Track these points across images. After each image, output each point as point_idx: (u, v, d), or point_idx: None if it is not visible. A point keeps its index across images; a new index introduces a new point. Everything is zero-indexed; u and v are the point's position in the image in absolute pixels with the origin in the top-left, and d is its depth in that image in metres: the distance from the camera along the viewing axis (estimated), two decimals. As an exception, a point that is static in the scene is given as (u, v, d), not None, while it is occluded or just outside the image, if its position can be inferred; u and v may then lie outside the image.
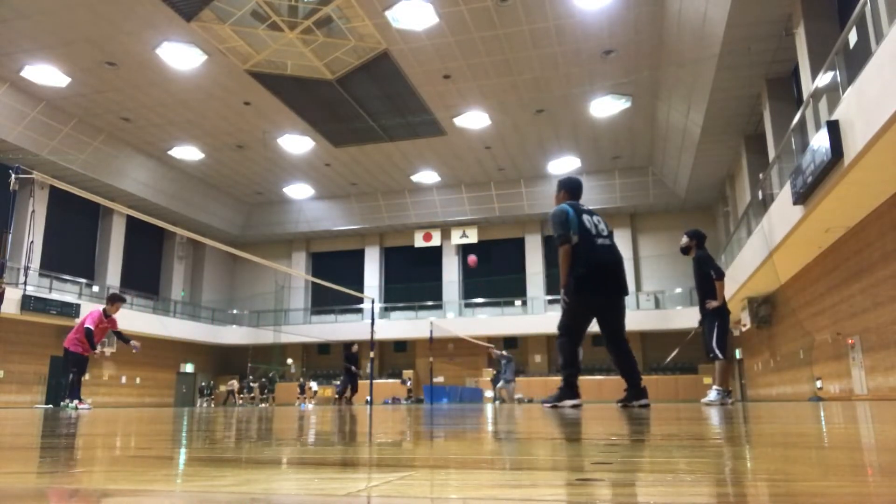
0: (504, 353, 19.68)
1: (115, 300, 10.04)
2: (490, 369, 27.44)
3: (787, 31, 13.50)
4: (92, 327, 9.75)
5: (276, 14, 16.49)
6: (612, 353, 5.48)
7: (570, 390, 5.43)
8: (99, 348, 10.04)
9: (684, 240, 7.83)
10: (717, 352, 7.28)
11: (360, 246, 33.20)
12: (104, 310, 10.00)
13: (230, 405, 26.68)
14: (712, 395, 7.35)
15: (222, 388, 30.14)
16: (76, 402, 9.73)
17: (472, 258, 15.86)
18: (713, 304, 7.40)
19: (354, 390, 16.40)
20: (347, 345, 16.61)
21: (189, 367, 30.83)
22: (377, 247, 32.81)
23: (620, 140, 24.28)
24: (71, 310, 22.70)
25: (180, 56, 18.22)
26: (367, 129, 23.22)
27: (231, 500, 0.86)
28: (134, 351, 10.05)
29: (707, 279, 7.51)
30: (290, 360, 30.56)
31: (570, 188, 5.83)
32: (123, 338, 10.21)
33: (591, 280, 5.36)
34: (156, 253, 30.50)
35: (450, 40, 17.55)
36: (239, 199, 31.01)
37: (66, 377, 9.84)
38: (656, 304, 27.98)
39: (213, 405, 27.22)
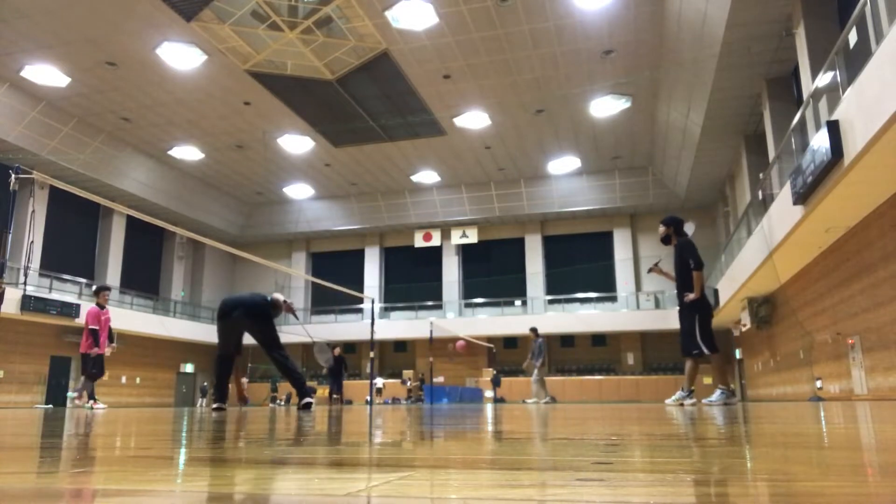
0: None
1: (99, 291, 10.30)
2: (490, 369, 27.43)
3: (787, 31, 13.49)
4: (96, 326, 9.98)
5: (276, 14, 16.48)
6: None
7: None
8: (109, 348, 10.24)
9: (661, 229, 7.31)
10: (704, 347, 6.75)
11: (360, 246, 33.17)
12: (97, 304, 10.24)
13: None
14: (715, 395, 6.92)
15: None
16: (91, 402, 10.01)
17: (460, 343, 16.41)
18: (690, 296, 6.80)
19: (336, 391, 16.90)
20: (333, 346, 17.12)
21: (189, 367, 30.81)
22: (377, 247, 32.79)
23: (620, 140, 24.28)
24: (71, 310, 22.68)
25: (180, 56, 18.21)
26: (367, 129, 23.21)
27: (231, 500, 0.86)
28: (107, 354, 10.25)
29: (687, 268, 6.92)
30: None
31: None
32: (111, 336, 10.45)
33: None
34: (156, 253, 30.48)
35: (450, 40, 17.54)
36: (239, 199, 31.00)
37: (88, 379, 10.04)
38: (656, 304, 27.97)
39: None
